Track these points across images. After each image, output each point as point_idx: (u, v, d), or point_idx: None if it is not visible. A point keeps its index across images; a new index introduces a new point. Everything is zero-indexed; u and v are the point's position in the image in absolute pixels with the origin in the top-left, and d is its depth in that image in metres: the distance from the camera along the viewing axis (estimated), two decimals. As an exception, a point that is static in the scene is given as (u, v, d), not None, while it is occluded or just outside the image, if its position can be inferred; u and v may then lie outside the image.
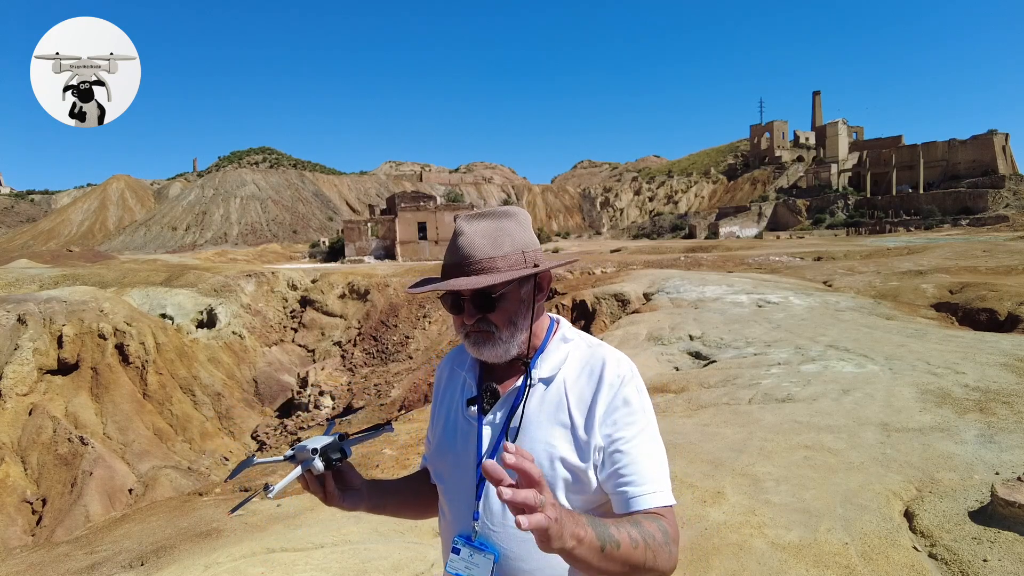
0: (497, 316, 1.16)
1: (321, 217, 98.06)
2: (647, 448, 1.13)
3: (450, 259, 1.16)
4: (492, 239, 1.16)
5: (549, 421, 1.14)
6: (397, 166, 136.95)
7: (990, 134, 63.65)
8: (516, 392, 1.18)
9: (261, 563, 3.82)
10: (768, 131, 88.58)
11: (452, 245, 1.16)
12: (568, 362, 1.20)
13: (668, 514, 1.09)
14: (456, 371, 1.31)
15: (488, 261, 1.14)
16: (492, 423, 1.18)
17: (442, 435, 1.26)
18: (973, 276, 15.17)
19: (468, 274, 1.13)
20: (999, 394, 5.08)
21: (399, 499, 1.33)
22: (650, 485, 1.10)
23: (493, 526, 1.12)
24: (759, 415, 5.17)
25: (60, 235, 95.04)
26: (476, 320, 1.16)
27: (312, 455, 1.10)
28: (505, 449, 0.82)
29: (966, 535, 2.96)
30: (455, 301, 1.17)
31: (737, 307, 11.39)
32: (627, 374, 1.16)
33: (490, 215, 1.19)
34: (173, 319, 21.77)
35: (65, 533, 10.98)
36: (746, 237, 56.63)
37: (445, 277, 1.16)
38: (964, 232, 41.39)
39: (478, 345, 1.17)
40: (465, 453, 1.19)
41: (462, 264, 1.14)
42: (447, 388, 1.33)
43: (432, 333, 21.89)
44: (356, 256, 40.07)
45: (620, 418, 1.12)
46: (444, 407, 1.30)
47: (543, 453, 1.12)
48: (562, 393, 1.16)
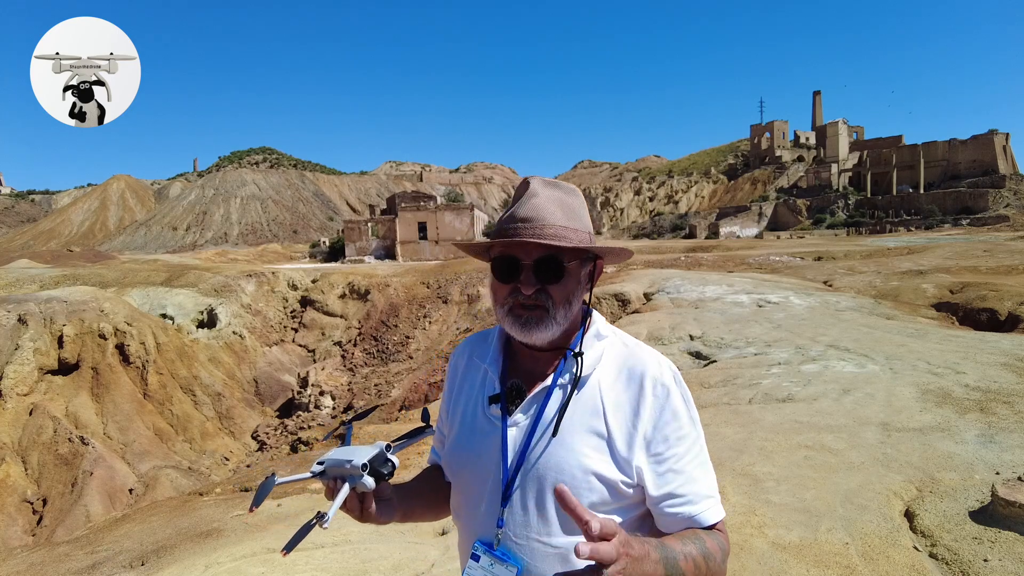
0: (558, 290, 1.05)
1: (321, 217, 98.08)
2: (700, 462, 1.06)
3: (519, 216, 1.05)
4: (565, 210, 1.07)
5: (582, 427, 1.04)
6: (397, 166, 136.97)
7: (990, 134, 63.61)
8: (546, 392, 1.08)
9: (261, 563, 3.83)
10: (768, 131, 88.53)
11: (523, 204, 1.06)
12: (603, 362, 1.10)
13: (723, 527, 1.06)
14: (476, 362, 1.20)
15: (562, 230, 1.04)
16: (518, 425, 1.08)
17: (459, 433, 1.16)
18: (974, 276, 15.16)
19: (540, 237, 1.02)
20: (999, 394, 5.07)
21: (424, 502, 1.22)
22: (705, 502, 1.04)
23: (517, 537, 1.04)
24: (759, 415, 5.17)
25: (60, 235, 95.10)
26: (535, 291, 1.04)
27: (362, 472, 0.98)
28: (578, 554, 0.77)
29: (967, 535, 2.96)
30: (511, 266, 1.05)
31: (737, 307, 11.39)
32: (671, 381, 1.07)
33: (562, 187, 1.10)
34: (173, 319, 21.76)
35: (66, 533, 10.99)
36: (746, 237, 56.61)
37: (504, 235, 1.05)
38: (964, 232, 41.37)
39: (529, 323, 1.05)
40: (487, 456, 1.09)
41: (534, 225, 1.04)
42: (464, 380, 1.21)
43: (432, 333, 21.89)
44: (356, 256, 40.07)
45: (671, 433, 1.04)
46: (461, 401, 1.19)
47: (573, 463, 1.02)
48: (597, 397, 1.06)
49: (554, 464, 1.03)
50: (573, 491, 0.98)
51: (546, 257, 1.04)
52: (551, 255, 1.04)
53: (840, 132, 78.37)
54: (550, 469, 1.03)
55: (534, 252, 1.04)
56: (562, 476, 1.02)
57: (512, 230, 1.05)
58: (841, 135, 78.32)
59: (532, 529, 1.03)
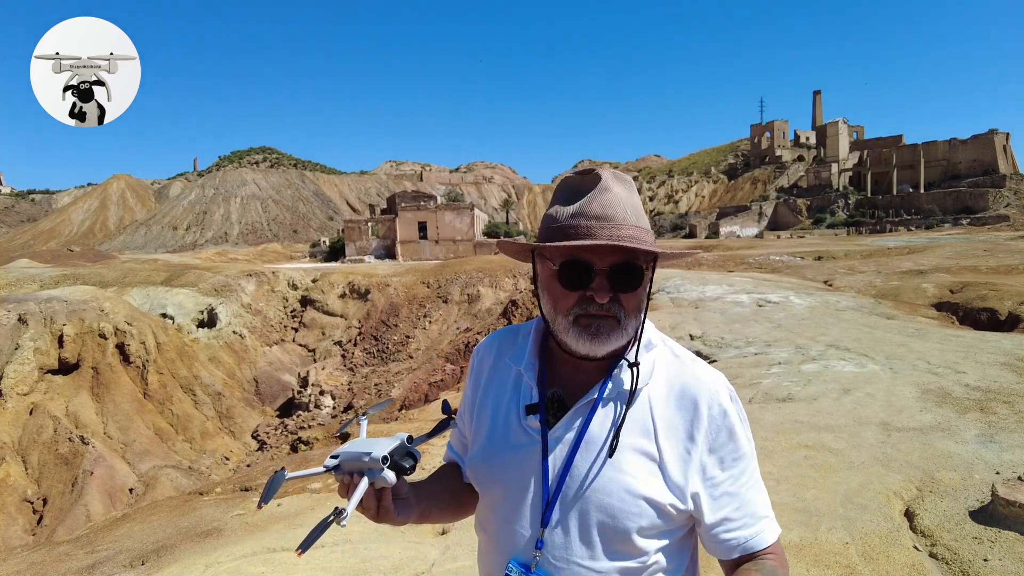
0: (631, 299, 0.96)
1: (321, 217, 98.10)
2: (754, 482, 1.00)
3: (592, 213, 0.94)
4: (635, 209, 0.97)
5: (632, 448, 0.96)
6: (397, 166, 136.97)
7: (991, 133, 63.63)
8: (591, 405, 0.99)
9: (261, 563, 3.83)
10: (769, 131, 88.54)
11: (596, 199, 0.94)
12: (655, 377, 1.01)
13: (779, 548, 1.00)
14: (507, 363, 1.09)
15: (636, 230, 0.94)
16: (559, 439, 0.99)
17: (488, 440, 1.06)
18: (974, 276, 15.16)
19: (619, 239, 0.92)
20: (1000, 394, 5.07)
21: (441, 503, 1.13)
22: (761, 523, 0.98)
23: (556, 560, 0.96)
24: (760, 414, 5.16)
25: (61, 235, 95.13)
26: (609, 300, 0.94)
27: (382, 465, 0.90)
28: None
29: (967, 535, 2.96)
30: (582, 272, 0.94)
31: (737, 306, 11.38)
32: (728, 401, 0.99)
33: (626, 182, 0.99)
34: (174, 319, 21.77)
35: (66, 532, 10.99)
36: (746, 237, 56.64)
37: (573, 235, 0.93)
38: (965, 232, 41.38)
39: (599, 334, 0.95)
40: (524, 471, 1.00)
41: (611, 225, 0.93)
42: (493, 379, 1.11)
43: (432, 333, 21.90)
44: (356, 256, 40.08)
45: (727, 456, 0.97)
46: (488, 404, 1.09)
47: (622, 486, 0.94)
48: (648, 415, 0.97)
49: (602, 486, 0.95)
50: (620, 515, 0.94)
51: (623, 263, 0.94)
52: (628, 260, 0.94)
53: (840, 132, 78.39)
54: (596, 491, 0.95)
55: (608, 257, 0.93)
56: (609, 499, 0.94)
57: (585, 229, 0.93)
58: (841, 135, 78.34)
59: (574, 553, 0.95)
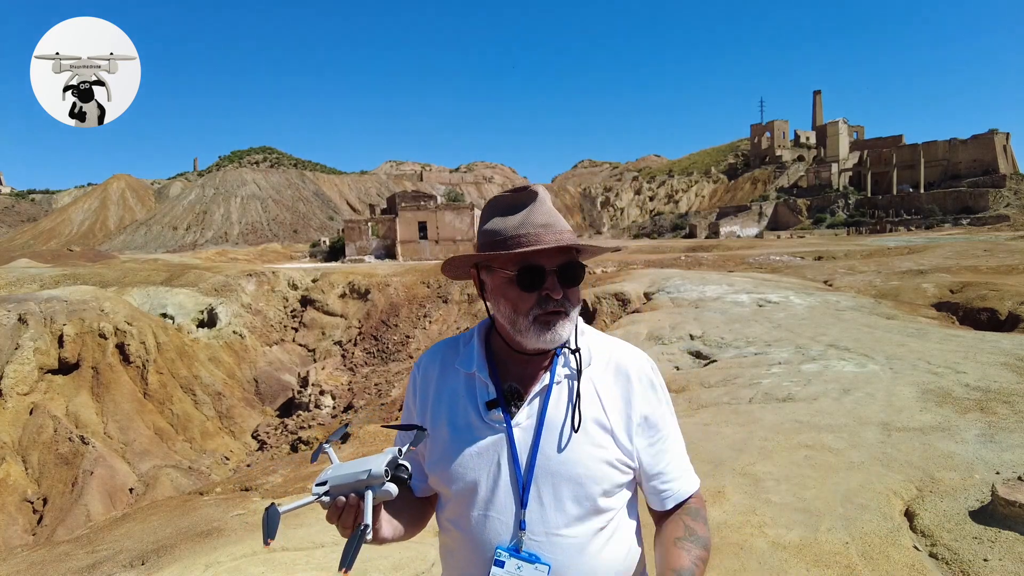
0: (575, 293, 1.10)
1: (322, 216, 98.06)
2: (677, 439, 1.17)
3: (539, 223, 1.06)
4: (562, 217, 1.11)
5: (589, 420, 1.08)
6: (397, 166, 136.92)
7: (991, 133, 63.58)
8: (545, 390, 1.10)
9: (261, 562, 3.83)
10: (769, 130, 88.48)
11: (536, 210, 1.07)
12: (594, 358, 1.15)
13: (700, 494, 1.18)
14: (455, 370, 1.17)
15: (571, 234, 1.09)
16: (520, 426, 1.09)
17: (452, 441, 1.12)
18: (974, 275, 15.15)
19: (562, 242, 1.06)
20: (1000, 393, 5.07)
21: (406, 519, 1.15)
22: (687, 474, 1.17)
23: (536, 535, 1.05)
24: (760, 414, 5.17)
25: (61, 235, 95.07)
26: (562, 296, 1.07)
27: (385, 479, 0.94)
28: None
29: (967, 535, 2.96)
30: (535, 274, 1.06)
31: (738, 306, 11.38)
32: (652, 373, 1.16)
33: (550, 195, 1.14)
34: (174, 319, 21.77)
35: (66, 532, 10.99)
36: (747, 237, 56.62)
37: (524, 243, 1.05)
38: (965, 231, 41.36)
39: (555, 327, 1.07)
40: (492, 461, 1.08)
41: (554, 231, 1.06)
42: (442, 388, 1.17)
43: (433, 332, 21.89)
44: (357, 256, 40.06)
45: (657, 419, 1.13)
46: (443, 410, 1.15)
47: (587, 456, 1.06)
48: (593, 391, 1.11)
49: (570, 458, 1.06)
50: (587, 482, 1.06)
51: (568, 262, 1.08)
52: (571, 260, 1.09)
53: (840, 132, 78.34)
54: (567, 463, 1.06)
55: (556, 258, 1.07)
56: (576, 469, 1.06)
57: (535, 237, 1.05)
58: (841, 135, 78.29)
59: (550, 524, 1.05)
